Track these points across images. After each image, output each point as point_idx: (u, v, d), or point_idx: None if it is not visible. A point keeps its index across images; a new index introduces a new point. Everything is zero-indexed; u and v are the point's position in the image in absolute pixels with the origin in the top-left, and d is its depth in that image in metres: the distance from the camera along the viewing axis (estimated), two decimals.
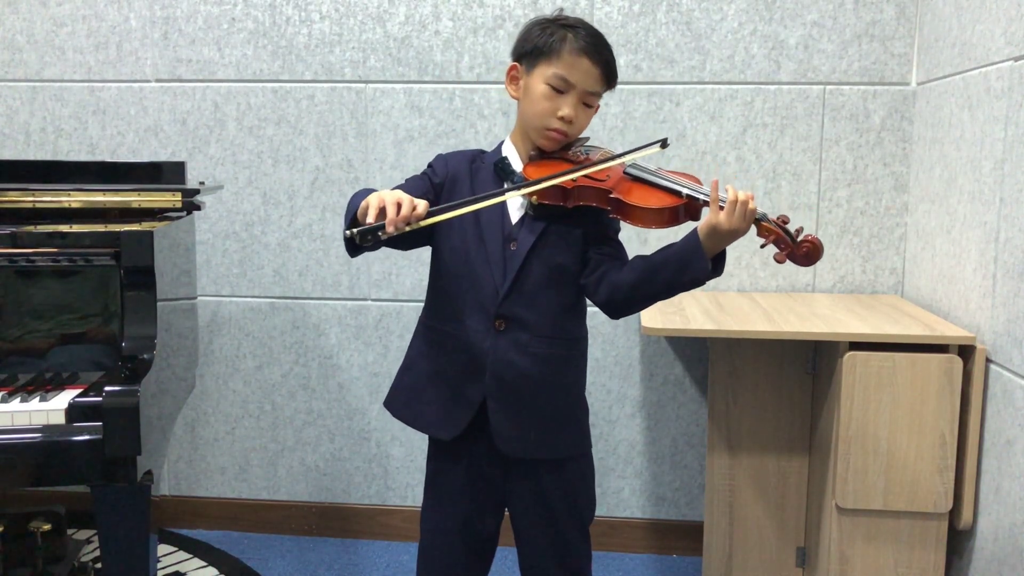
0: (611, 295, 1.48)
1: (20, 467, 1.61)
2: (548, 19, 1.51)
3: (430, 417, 1.55)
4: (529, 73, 1.50)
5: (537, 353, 1.49)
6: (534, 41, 1.49)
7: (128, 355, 1.72)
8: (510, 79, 1.55)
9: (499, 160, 1.53)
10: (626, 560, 2.56)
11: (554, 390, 1.53)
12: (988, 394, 1.90)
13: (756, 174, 2.45)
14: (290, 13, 2.54)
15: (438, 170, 1.56)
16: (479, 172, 1.54)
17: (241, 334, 2.67)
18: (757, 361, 2.23)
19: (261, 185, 2.61)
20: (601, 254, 1.51)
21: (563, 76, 1.46)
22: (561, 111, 1.47)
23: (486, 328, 1.48)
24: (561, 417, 1.55)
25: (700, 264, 1.41)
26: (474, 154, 1.59)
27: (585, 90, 1.48)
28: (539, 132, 1.50)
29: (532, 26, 1.52)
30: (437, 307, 1.57)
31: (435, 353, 1.55)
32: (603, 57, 1.48)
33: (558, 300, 1.51)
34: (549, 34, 1.47)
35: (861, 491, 1.97)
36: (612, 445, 2.59)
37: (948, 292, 2.13)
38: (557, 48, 1.46)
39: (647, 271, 1.46)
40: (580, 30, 1.47)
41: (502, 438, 1.50)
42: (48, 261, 1.78)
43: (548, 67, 1.47)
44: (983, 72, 1.97)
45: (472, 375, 1.49)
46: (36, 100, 2.64)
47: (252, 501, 2.73)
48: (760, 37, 2.41)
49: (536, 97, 1.48)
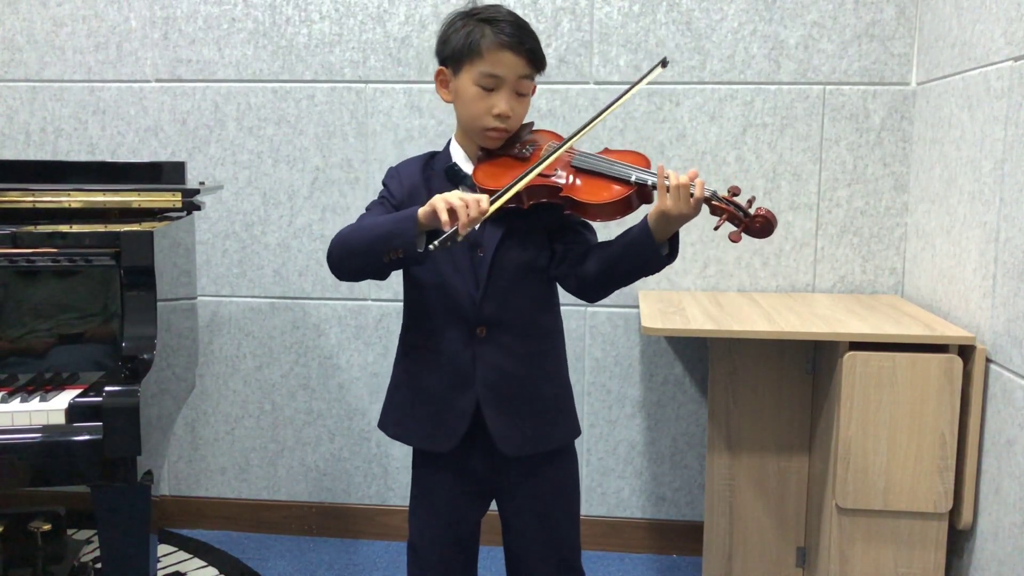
0: (580, 285, 1.50)
1: (20, 467, 1.61)
2: (464, 14, 1.48)
3: (423, 433, 1.55)
4: (456, 75, 1.48)
5: (520, 352, 1.50)
6: (455, 42, 1.46)
7: (128, 355, 1.72)
8: (439, 83, 1.52)
9: (449, 166, 1.52)
10: (626, 560, 2.56)
11: (541, 384, 1.54)
12: (988, 394, 1.90)
13: (756, 174, 2.45)
14: (290, 13, 2.54)
15: (394, 191, 1.54)
16: (432, 180, 1.53)
17: (241, 334, 2.67)
18: (757, 361, 2.23)
19: (261, 185, 2.61)
20: (566, 243, 1.51)
21: (489, 73, 1.44)
22: (496, 108, 1.45)
23: (468, 337, 1.48)
24: (553, 408, 1.56)
25: (653, 254, 1.41)
26: (425, 160, 1.57)
27: (515, 81, 1.45)
28: (479, 133, 1.49)
29: (449, 25, 1.49)
30: (416, 324, 1.56)
31: (421, 371, 1.54)
32: (526, 46, 1.44)
33: (531, 296, 1.52)
34: (468, 32, 1.44)
35: (861, 491, 1.97)
36: (612, 445, 2.59)
37: (948, 292, 2.13)
38: (478, 46, 1.43)
39: (608, 263, 1.45)
40: (499, 22, 1.44)
41: (503, 441, 1.50)
42: (48, 261, 1.78)
43: (473, 67, 1.44)
44: (983, 72, 1.97)
45: (462, 386, 1.49)
46: (36, 100, 2.64)
47: (252, 501, 2.73)
48: (760, 37, 2.41)
49: (468, 99, 1.47)
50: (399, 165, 1.59)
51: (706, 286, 2.46)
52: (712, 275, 2.47)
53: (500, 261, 1.48)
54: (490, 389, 1.49)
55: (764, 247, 2.45)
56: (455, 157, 1.53)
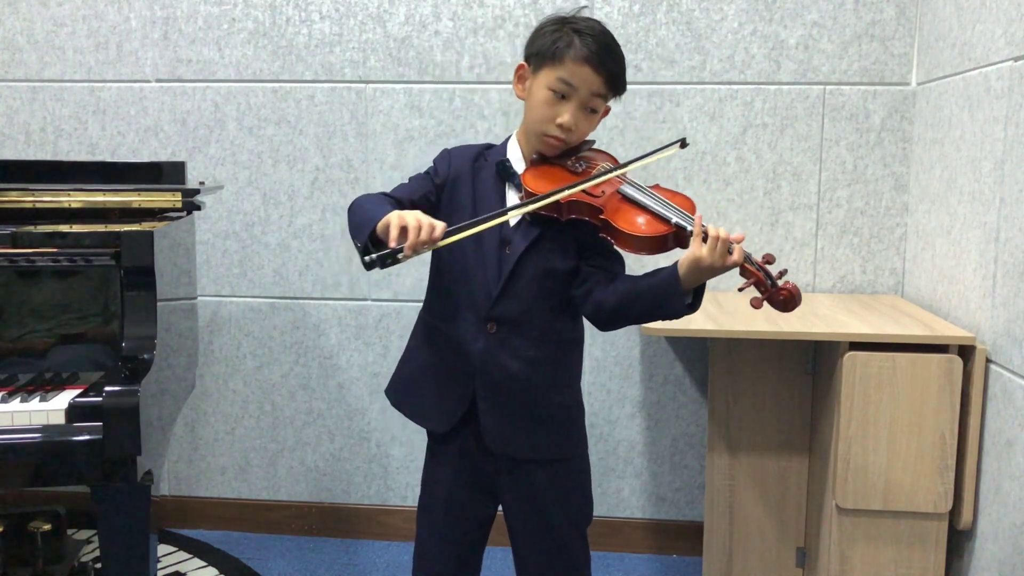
0: (595, 313, 1.49)
1: (20, 467, 1.61)
2: (560, 19, 1.48)
3: (424, 408, 1.57)
4: (535, 75, 1.48)
5: (528, 356, 1.50)
6: (542, 43, 1.46)
7: (128, 355, 1.72)
8: (517, 78, 1.53)
9: (501, 161, 1.52)
10: (626, 560, 2.56)
11: (545, 392, 1.53)
12: (988, 394, 1.90)
13: (756, 174, 2.45)
14: (290, 13, 2.54)
15: (440, 169, 1.55)
16: (481, 171, 1.53)
17: (241, 334, 2.67)
18: (757, 361, 2.23)
19: (261, 185, 2.61)
20: (592, 266, 1.50)
21: (565, 81, 1.43)
22: (560, 118, 1.45)
23: (477, 330, 1.49)
24: (553, 419, 1.55)
25: (677, 301, 1.41)
26: (480, 150, 1.57)
27: (587, 96, 1.45)
28: (539, 137, 1.49)
29: (543, 25, 1.49)
30: (434, 304, 1.58)
31: (431, 348, 1.57)
32: (607, 67, 1.44)
33: (550, 303, 1.51)
34: (556, 37, 1.44)
35: (861, 491, 1.97)
36: (612, 445, 2.59)
37: (948, 292, 2.13)
38: (561, 53, 1.43)
39: (627, 298, 1.45)
40: (587, 36, 1.43)
41: (490, 435, 1.51)
42: (48, 261, 1.78)
43: (551, 72, 1.44)
44: (983, 72, 1.96)
45: (463, 374, 1.50)
46: (36, 100, 2.64)
47: (252, 501, 2.73)
48: (760, 37, 2.41)
49: (537, 101, 1.47)
50: (453, 148, 1.59)
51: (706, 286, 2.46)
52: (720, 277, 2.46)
53: (524, 263, 1.48)
54: (489, 384, 1.49)
55: (764, 247, 2.45)
56: (510, 154, 1.53)
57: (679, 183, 2.46)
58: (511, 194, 1.50)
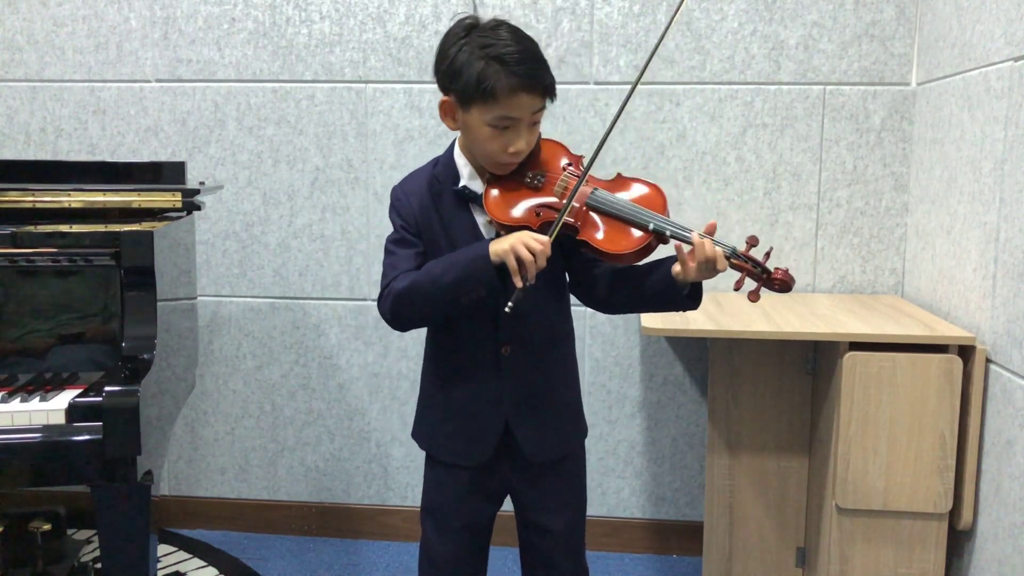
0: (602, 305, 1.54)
1: (20, 467, 1.61)
2: (465, 39, 1.38)
3: (454, 448, 1.55)
4: (466, 111, 1.39)
5: (544, 365, 1.53)
6: (464, 79, 1.36)
7: (128, 355, 1.72)
8: (443, 112, 1.44)
9: (459, 190, 1.46)
10: (626, 560, 2.56)
11: (562, 390, 1.57)
12: (988, 394, 1.90)
13: (756, 174, 2.45)
14: (290, 13, 2.54)
15: (407, 219, 1.48)
16: (441, 199, 1.47)
17: (241, 334, 2.67)
18: (757, 361, 2.23)
19: (261, 185, 2.61)
20: (584, 260, 1.51)
21: (506, 116, 1.37)
22: (512, 147, 1.39)
23: (493, 357, 1.49)
24: (570, 411, 1.60)
25: (677, 299, 1.43)
26: (429, 176, 1.50)
27: (529, 117, 1.40)
28: (492, 165, 1.44)
29: (451, 53, 1.39)
30: (440, 342, 1.56)
31: (449, 388, 1.54)
32: (541, 83, 1.38)
33: (549, 309, 1.53)
34: (479, 72, 1.34)
35: (861, 491, 1.97)
36: (612, 445, 2.59)
37: (948, 292, 2.13)
38: (491, 90, 1.34)
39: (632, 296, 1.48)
40: (509, 63, 1.34)
41: (532, 452, 1.52)
42: (48, 261, 1.78)
43: (486, 110, 1.36)
44: (983, 72, 1.96)
45: (491, 404, 1.51)
46: (36, 100, 2.64)
47: (252, 501, 2.73)
48: (760, 37, 2.41)
49: (481, 138, 1.40)
50: (402, 185, 1.52)
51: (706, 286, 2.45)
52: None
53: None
54: (518, 405, 1.51)
55: (764, 247, 2.44)
56: (461, 171, 1.47)
57: (679, 183, 2.46)
58: (479, 216, 1.47)
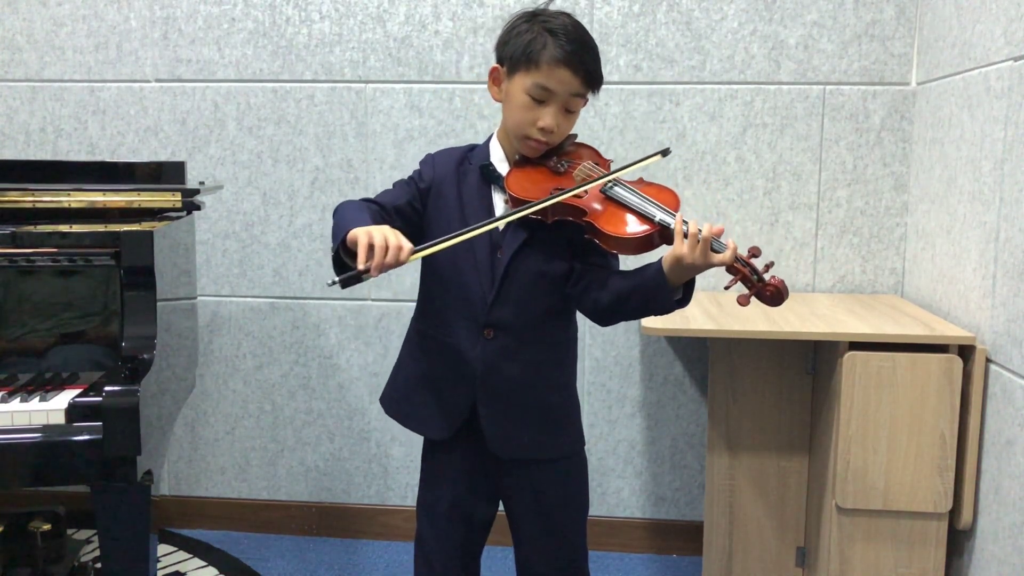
0: (593, 310, 1.50)
1: (20, 467, 1.61)
2: (531, 16, 1.45)
3: (421, 418, 1.56)
4: (510, 79, 1.46)
5: (526, 359, 1.50)
6: (515, 45, 1.43)
7: (128, 355, 1.72)
8: (492, 81, 1.50)
9: (484, 165, 1.51)
10: (626, 560, 2.56)
11: (545, 392, 1.54)
12: (988, 394, 1.90)
13: (756, 174, 2.45)
14: (290, 13, 2.54)
15: (424, 174, 1.54)
16: (467, 175, 1.52)
17: (241, 334, 2.67)
18: (757, 361, 2.23)
19: (261, 185, 2.61)
20: (586, 264, 1.50)
21: (543, 86, 1.41)
22: (541, 121, 1.43)
23: (475, 337, 1.49)
24: (554, 418, 1.56)
25: (665, 297, 1.40)
26: (463, 153, 1.56)
27: (566, 98, 1.43)
28: (519, 140, 1.48)
29: (513, 26, 1.46)
30: (427, 312, 1.57)
31: (425, 357, 1.55)
32: (585, 66, 1.42)
33: (545, 305, 1.51)
34: (530, 39, 1.41)
35: (861, 491, 1.97)
36: (612, 445, 2.59)
37: (948, 292, 2.13)
38: (537, 57, 1.40)
39: (621, 296, 1.44)
40: (560, 37, 1.41)
41: (494, 442, 1.51)
42: (48, 261, 1.78)
43: (527, 76, 1.42)
44: (983, 72, 1.97)
45: (461, 381, 1.50)
46: (36, 100, 2.64)
47: (252, 501, 2.73)
48: (760, 37, 2.41)
49: (516, 106, 1.45)
50: (437, 153, 1.57)
51: (706, 286, 2.46)
52: (712, 275, 2.47)
53: (517, 267, 1.47)
54: (489, 390, 1.49)
55: (764, 247, 2.45)
56: (493, 155, 1.52)
57: (679, 183, 2.46)
58: (497, 197, 1.50)
